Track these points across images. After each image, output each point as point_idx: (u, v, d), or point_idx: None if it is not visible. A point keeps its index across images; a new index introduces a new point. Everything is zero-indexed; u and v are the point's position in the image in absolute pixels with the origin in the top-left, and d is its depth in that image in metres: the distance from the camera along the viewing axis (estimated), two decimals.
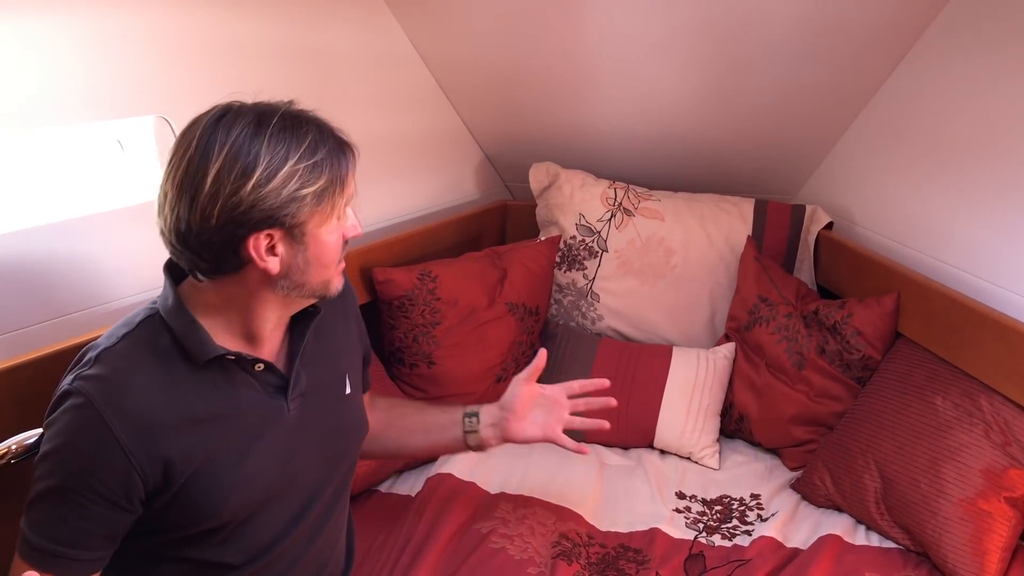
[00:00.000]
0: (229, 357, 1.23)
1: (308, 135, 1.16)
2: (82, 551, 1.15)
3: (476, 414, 1.67)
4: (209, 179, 1.10)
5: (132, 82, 1.72)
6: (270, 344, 1.30)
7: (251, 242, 1.15)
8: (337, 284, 1.29)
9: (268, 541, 1.33)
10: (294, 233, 1.17)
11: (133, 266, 1.78)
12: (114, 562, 1.21)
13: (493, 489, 2.06)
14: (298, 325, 1.34)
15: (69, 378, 1.16)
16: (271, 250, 1.17)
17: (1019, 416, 1.76)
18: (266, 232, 1.15)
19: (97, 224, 1.73)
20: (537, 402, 1.69)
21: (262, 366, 1.27)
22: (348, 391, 1.45)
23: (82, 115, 1.65)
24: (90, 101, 1.65)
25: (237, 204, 1.11)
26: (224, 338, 1.24)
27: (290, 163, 1.13)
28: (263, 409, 1.29)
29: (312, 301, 1.31)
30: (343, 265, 1.31)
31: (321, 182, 1.16)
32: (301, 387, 1.33)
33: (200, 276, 1.21)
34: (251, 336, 1.26)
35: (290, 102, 1.20)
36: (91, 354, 1.18)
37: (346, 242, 1.28)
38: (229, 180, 1.10)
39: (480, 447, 1.67)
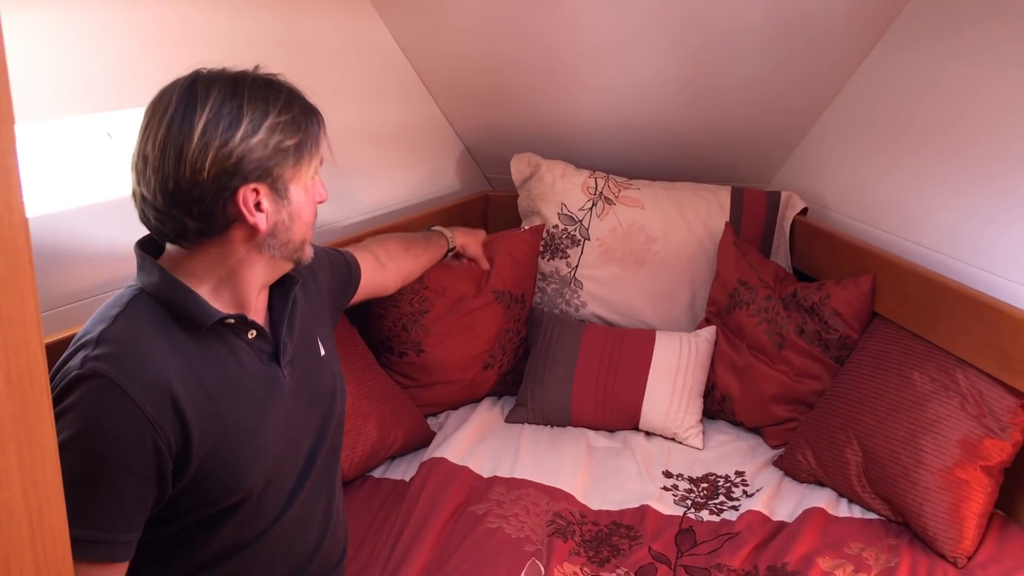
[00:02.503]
0: (229, 321, 1.24)
1: (281, 94, 1.23)
2: (122, 533, 1.13)
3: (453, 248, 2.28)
4: (197, 133, 1.14)
5: (121, 75, 1.73)
6: (256, 311, 1.32)
7: (240, 196, 1.18)
8: (310, 250, 1.34)
9: (278, 510, 1.35)
10: (278, 187, 1.22)
11: (123, 257, 1.79)
12: None
13: (486, 473, 2.10)
14: (277, 294, 1.37)
15: (75, 363, 1.13)
16: (257, 206, 1.21)
17: (993, 388, 1.83)
18: (253, 186, 1.19)
19: (86, 216, 1.74)
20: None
21: (255, 333, 1.29)
22: (323, 353, 1.48)
23: (72, 108, 1.66)
24: (79, 94, 1.66)
25: (228, 155, 1.15)
26: (216, 306, 1.25)
27: (271, 117, 1.19)
28: (264, 376, 1.31)
29: (291, 266, 1.34)
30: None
31: (299, 135, 1.23)
32: (288, 353, 1.36)
33: (185, 243, 1.22)
34: (239, 304, 1.28)
35: (256, 67, 1.26)
36: (89, 338, 1.15)
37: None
38: (217, 132, 1.15)
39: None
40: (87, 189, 1.81)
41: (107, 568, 1.12)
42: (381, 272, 1.94)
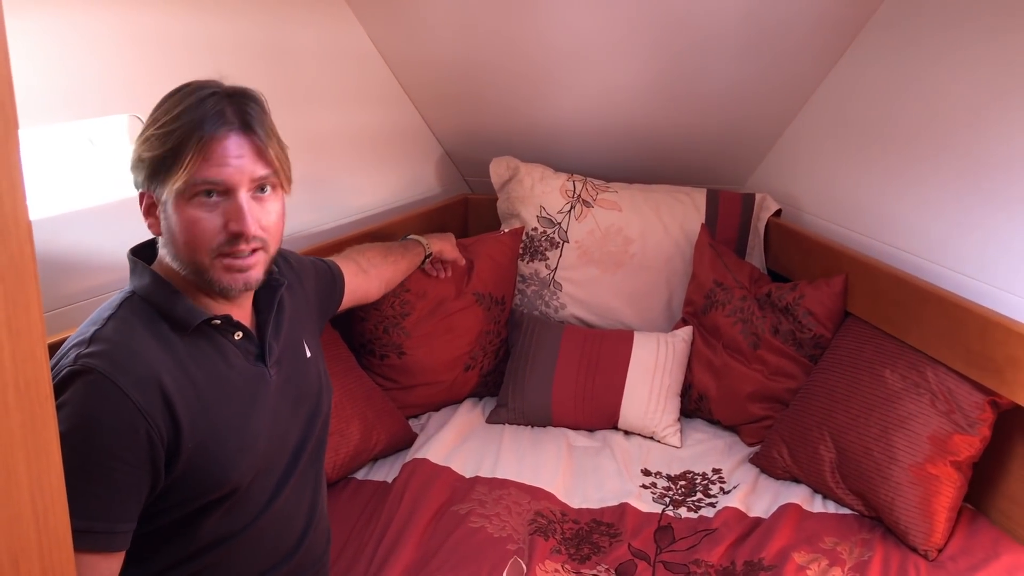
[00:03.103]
0: (215, 322, 1.28)
1: (180, 105, 1.22)
2: (119, 523, 1.16)
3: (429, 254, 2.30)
4: None
5: (102, 82, 1.75)
6: (242, 313, 1.36)
7: (140, 199, 1.26)
8: (226, 281, 1.25)
9: (264, 502, 1.38)
10: (159, 197, 1.23)
11: (105, 264, 1.80)
12: None
13: (468, 473, 2.13)
14: (263, 296, 1.40)
15: (67, 361, 1.16)
16: (149, 211, 1.26)
17: (961, 385, 1.88)
18: (141, 191, 1.25)
19: (69, 222, 1.75)
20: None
21: (241, 334, 1.33)
22: (308, 355, 1.51)
23: (55, 115, 1.68)
24: (62, 101, 1.67)
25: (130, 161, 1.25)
26: (205, 307, 1.29)
27: (151, 128, 1.22)
28: (251, 376, 1.34)
29: (214, 295, 1.29)
30: (258, 259, 1.28)
31: (160, 151, 1.20)
32: (275, 354, 1.39)
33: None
34: (228, 305, 1.32)
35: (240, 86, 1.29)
36: (82, 339, 1.19)
37: (235, 236, 1.23)
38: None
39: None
40: (70, 195, 1.82)
41: (105, 558, 1.15)
42: (364, 278, 1.96)
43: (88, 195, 1.84)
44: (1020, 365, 1.72)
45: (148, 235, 1.34)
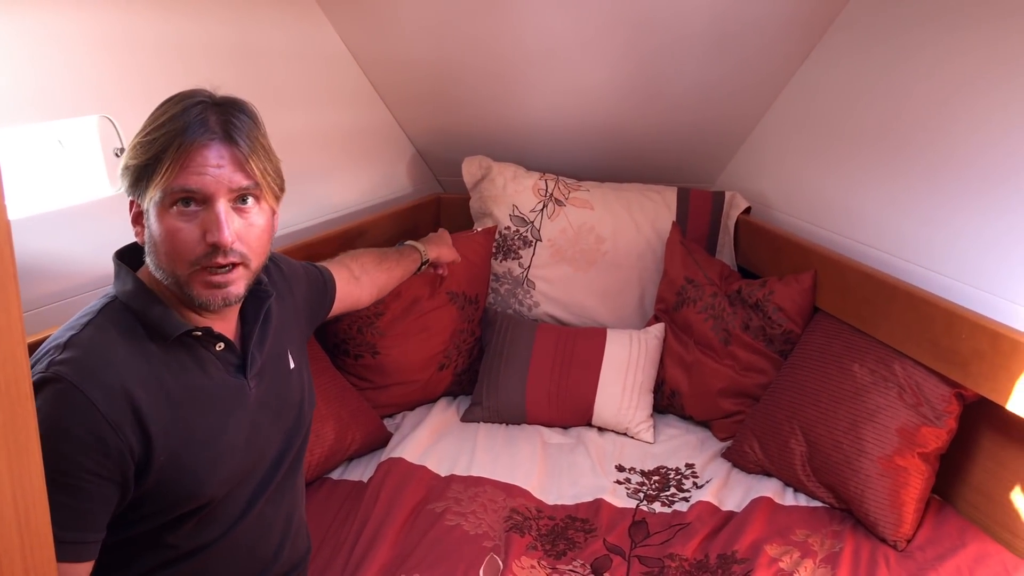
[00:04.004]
0: (196, 333, 1.27)
1: (166, 113, 1.21)
2: (87, 533, 1.15)
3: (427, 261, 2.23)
4: None
5: (72, 83, 1.73)
6: (226, 323, 1.35)
7: (129, 206, 1.25)
8: (205, 296, 1.24)
9: (238, 513, 1.37)
10: (143, 205, 1.23)
11: (75, 267, 1.79)
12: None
13: (443, 471, 2.13)
14: (250, 307, 1.39)
15: (40, 367, 1.15)
16: (136, 219, 1.25)
17: (928, 378, 1.92)
18: (130, 199, 1.24)
19: (40, 224, 1.73)
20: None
21: (223, 345, 1.32)
22: (292, 366, 1.50)
23: (24, 116, 1.66)
24: (31, 102, 1.65)
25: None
26: (188, 317, 1.28)
27: (139, 135, 1.22)
28: (230, 388, 1.33)
29: (195, 308, 1.27)
30: (238, 274, 1.26)
31: (144, 158, 1.19)
32: (256, 366, 1.38)
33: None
34: (207, 316, 1.30)
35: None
36: (57, 343, 1.18)
37: (214, 247, 1.21)
38: None
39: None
40: (39, 197, 1.80)
41: (73, 568, 1.14)
42: (355, 285, 1.94)
43: (58, 197, 1.82)
44: (985, 358, 1.76)
45: (119, 239, 1.33)
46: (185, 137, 1.19)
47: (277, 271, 1.56)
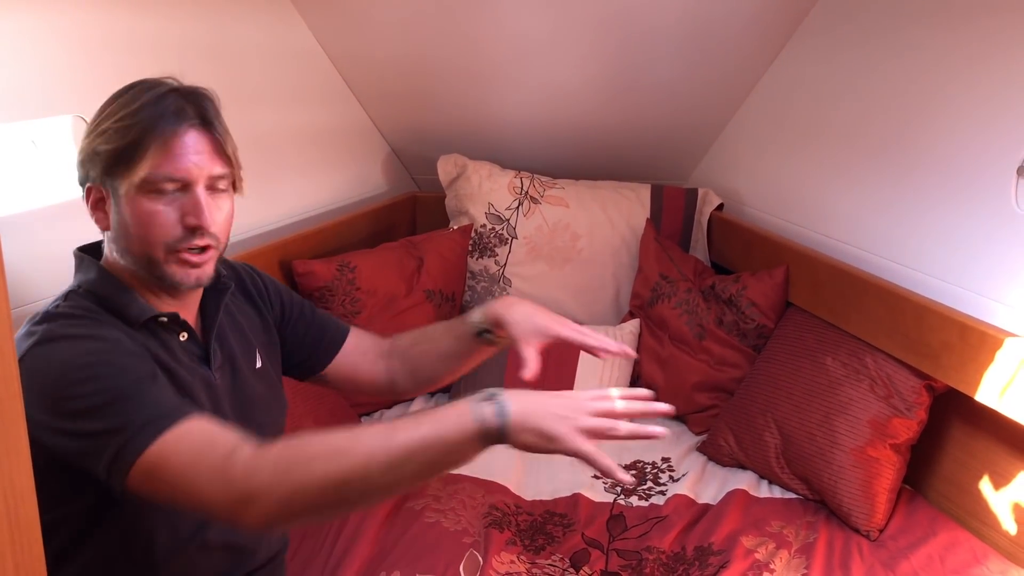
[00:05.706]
0: (162, 319, 1.27)
1: (137, 100, 1.20)
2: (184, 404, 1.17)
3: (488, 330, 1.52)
4: None
5: (45, 82, 1.72)
6: (188, 313, 1.34)
7: (86, 192, 1.24)
8: (179, 275, 1.25)
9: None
10: (112, 190, 1.22)
11: (50, 267, 1.77)
12: (54, 520, 1.18)
13: None
14: (209, 302, 1.39)
15: (28, 343, 1.15)
16: (97, 205, 1.25)
17: (899, 370, 1.95)
18: (93, 186, 1.23)
19: (10, 225, 1.72)
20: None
21: (186, 335, 1.31)
22: (259, 365, 1.49)
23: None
24: (4, 101, 1.64)
25: (78, 153, 1.23)
26: (153, 305, 1.28)
27: (107, 121, 1.20)
28: (197, 376, 1.32)
29: (167, 288, 1.28)
30: (210, 256, 1.27)
31: (118, 143, 1.19)
32: (219, 359, 1.38)
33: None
34: (171, 303, 1.31)
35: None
36: (35, 322, 1.19)
37: (192, 230, 1.22)
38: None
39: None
40: (11, 197, 1.79)
41: (192, 422, 1.15)
42: (363, 357, 1.71)
43: (31, 197, 1.80)
44: (954, 350, 1.79)
45: (93, 237, 1.32)
46: (167, 124, 1.20)
47: (249, 276, 1.54)
